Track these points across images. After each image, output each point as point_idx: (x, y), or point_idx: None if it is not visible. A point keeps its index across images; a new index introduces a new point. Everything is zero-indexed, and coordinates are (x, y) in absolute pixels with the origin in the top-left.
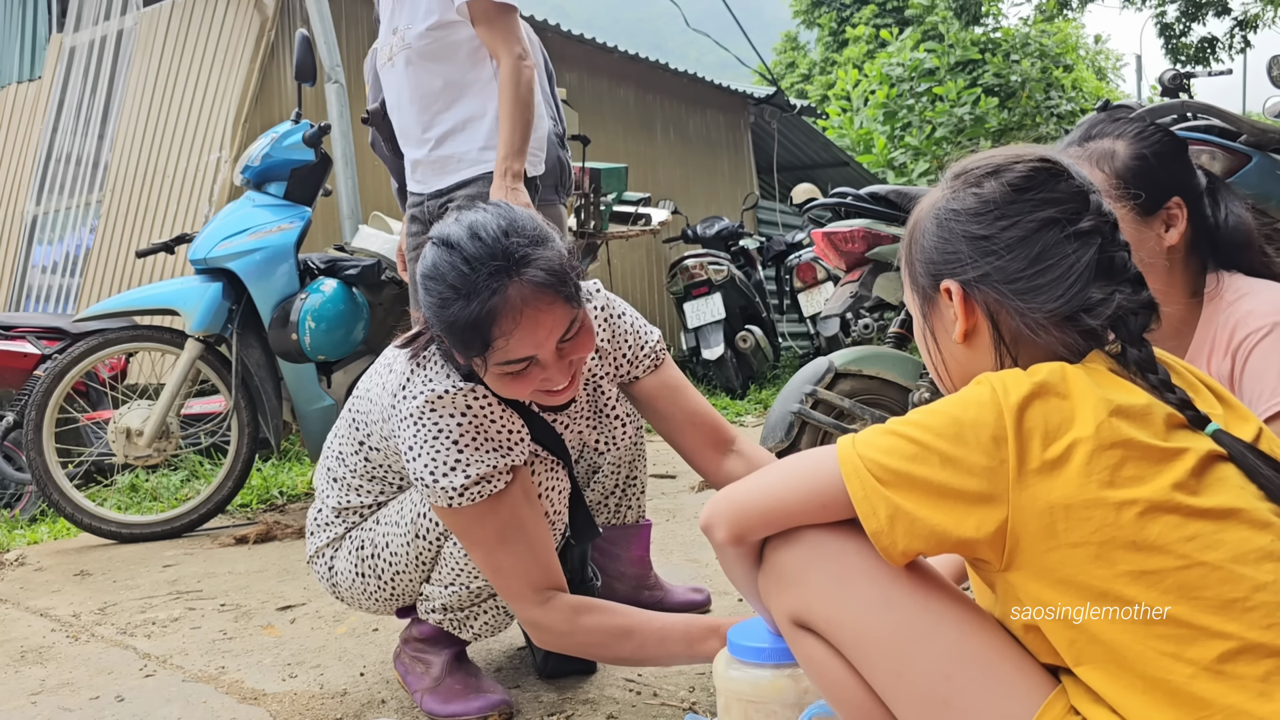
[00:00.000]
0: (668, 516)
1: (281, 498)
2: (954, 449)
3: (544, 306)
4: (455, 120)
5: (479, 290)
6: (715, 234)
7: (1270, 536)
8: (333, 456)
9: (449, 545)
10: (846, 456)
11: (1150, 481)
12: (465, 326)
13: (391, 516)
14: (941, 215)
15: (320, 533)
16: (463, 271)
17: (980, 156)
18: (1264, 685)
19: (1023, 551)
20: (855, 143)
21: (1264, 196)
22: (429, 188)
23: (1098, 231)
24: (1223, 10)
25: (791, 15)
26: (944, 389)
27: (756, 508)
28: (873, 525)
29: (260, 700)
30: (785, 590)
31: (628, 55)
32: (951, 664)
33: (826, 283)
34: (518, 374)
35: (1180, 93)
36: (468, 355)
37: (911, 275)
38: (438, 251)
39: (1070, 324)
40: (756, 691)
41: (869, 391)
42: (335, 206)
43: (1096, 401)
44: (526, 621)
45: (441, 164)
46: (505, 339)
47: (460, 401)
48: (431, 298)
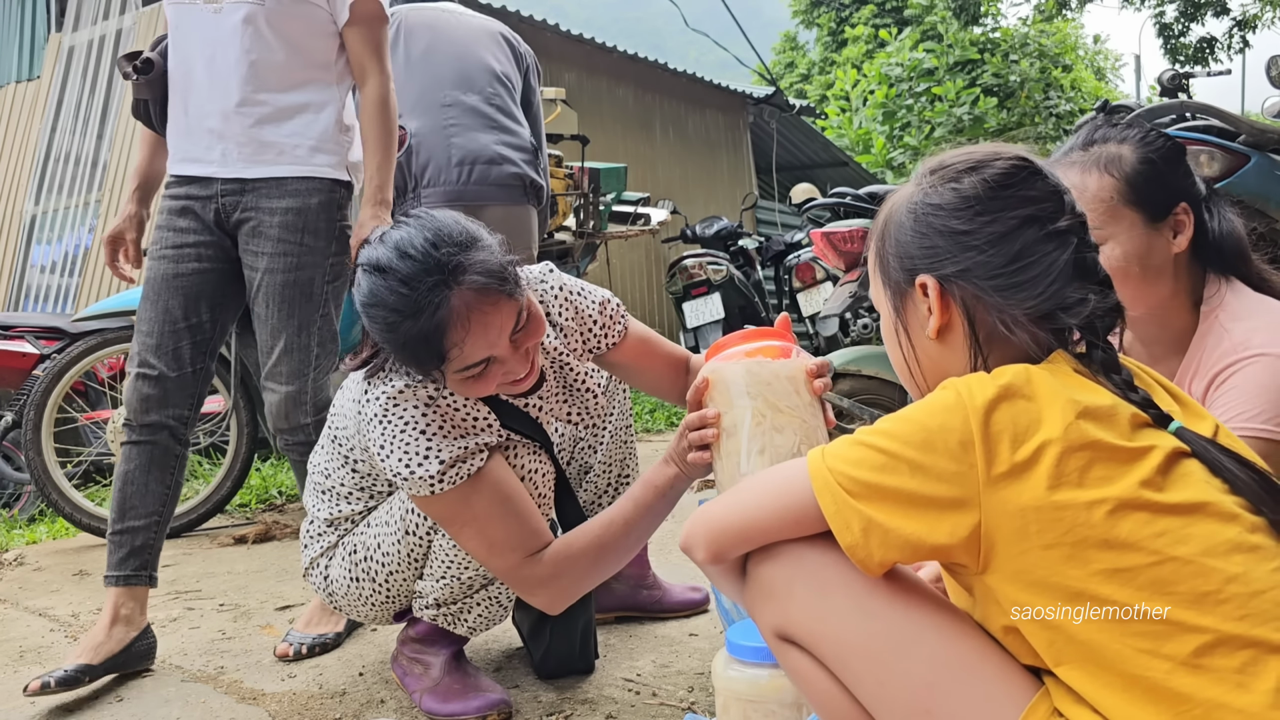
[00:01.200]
0: (667, 516)
1: (280, 497)
2: (922, 456)
3: (489, 308)
4: (287, 104)
5: (423, 307)
6: (714, 234)
7: (1238, 528)
8: (319, 473)
9: (438, 538)
10: (817, 471)
11: (1118, 481)
12: (417, 344)
13: (381, 518)
14: (919, 210)
15: (314, 544)
16: (402, 293)
17: (957, 153)
18: (1241, 676)
19: (997, 555)
20: (854, 143)
21: (1263, 196)
22: (229, 171)
23: (1073, 231)
24: (1221, 10)
25: (790, 15)
26: (912, 387)
27: (733, 527)
28: (847, 539)
29: (259, 700)
30: (767, 605)
31: (627, 55)
32: (933, 672)
33: (825, 283)
34: (478, 375)
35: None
36: (426, 369)
37: (883, 270)
38: (372, 279)
39: (1046, 322)
40: (755, 691)
41: (868, 391)
42: None
43: (1063, 403)
44: (527, 592)
45: (257, 148)
46: (459, 347)
47: (421, 394)
48: (378, 324)
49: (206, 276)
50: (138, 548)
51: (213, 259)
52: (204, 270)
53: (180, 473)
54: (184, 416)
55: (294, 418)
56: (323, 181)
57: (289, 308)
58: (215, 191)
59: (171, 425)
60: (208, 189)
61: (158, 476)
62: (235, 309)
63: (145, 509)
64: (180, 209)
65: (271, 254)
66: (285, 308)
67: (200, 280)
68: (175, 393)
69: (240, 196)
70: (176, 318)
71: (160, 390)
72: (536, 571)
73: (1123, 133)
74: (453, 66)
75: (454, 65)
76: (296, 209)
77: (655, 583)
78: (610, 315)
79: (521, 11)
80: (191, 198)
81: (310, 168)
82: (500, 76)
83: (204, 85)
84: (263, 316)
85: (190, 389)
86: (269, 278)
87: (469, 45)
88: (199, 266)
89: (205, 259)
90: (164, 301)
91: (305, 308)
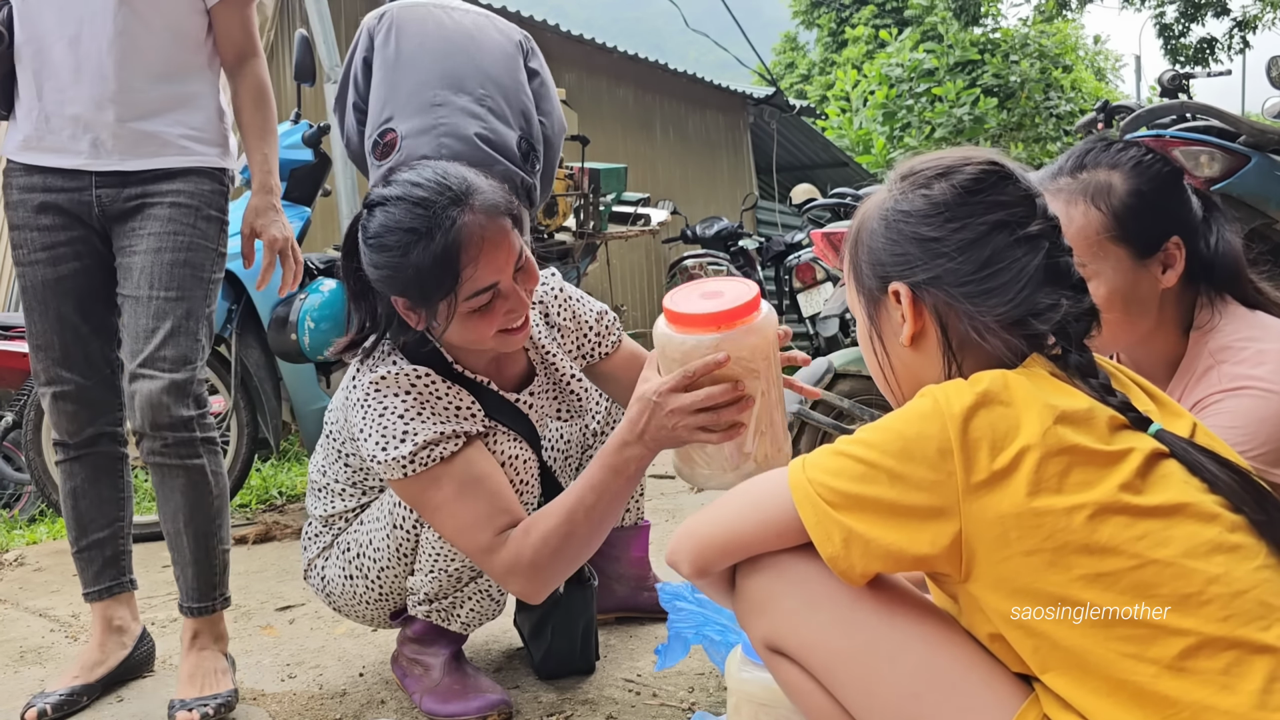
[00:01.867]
0: (667, 517)
1: (281, 498)
2: (901, 465)
3: (498, 233)
4: (168, 94)
5: (439, 224)
6: (714, 234)
7: (1218, 528)
8: (316, 471)
9: (425, 531)
10: (797, 482)
11: (1098, 485)
12: (432, 264)
13: (372, 514)
14: (890, 217)
15: (312, 545)
16: (418, 213)
17: (928, 158)
18: (1226, 678)
19: (979, 563)
20: (854, 143)
21: (1263, 197)
22: (104, 164)
23: (1045, 236)
24: (1222, 11)
25: (791, 15)
26: (888, 393)
27: (716, 541)
28: (828, 550)
29: (259, 700)
30: (756, 617)
31: (627, 55)
32: (919, 683)
33: (825, 283)
34: (484, 308)
35: (1179, 93)
36: (435, 299)
37: (857, 277)
38: (384, 211)
39: (1018, 328)
40: (767, 694)
41: (868, 392)
42: (334, 207)
43: (1041, 408)
44: (501, 575)
45: (136, 139)
46: (472, 266)
47: (404, 380)
48: (390, 253)
49: (91, 274)
50: (110, 558)
51: (90, 254)
52: (87, 268)
53: (128, 472)
54: (116, 419)
55: (175, 410)
56: (211, 171)
57: (178, 288)
58: (88, 184)
59: (107, 431)
60: (76, 181)
61: (108, 483)
62: None
63: (105, 519)
64: (39, 205)
65: (160, 233)
66: (175, 288)
67: (86, 279)
68: (101, 400)
69: (121, 189)
70: (75, 323)
71: (85, 403)
72: (507, 552)
73: (1115, 156)
74: (443, 66)
75: (444, 64)
76: (189, 192)
77: (656, 584)
78: (606, 326)
79: (521, 12)
80: (53, 190)
81: (190, 158)
82: (493, 76)
83: (66, 67)
84: (142, 298)
85: (113, 389)
86: (156, 257)
87: (460, 44)
88: (80, 265)
89: (84, 255)
90: (55, 309)
91: (194, 292)
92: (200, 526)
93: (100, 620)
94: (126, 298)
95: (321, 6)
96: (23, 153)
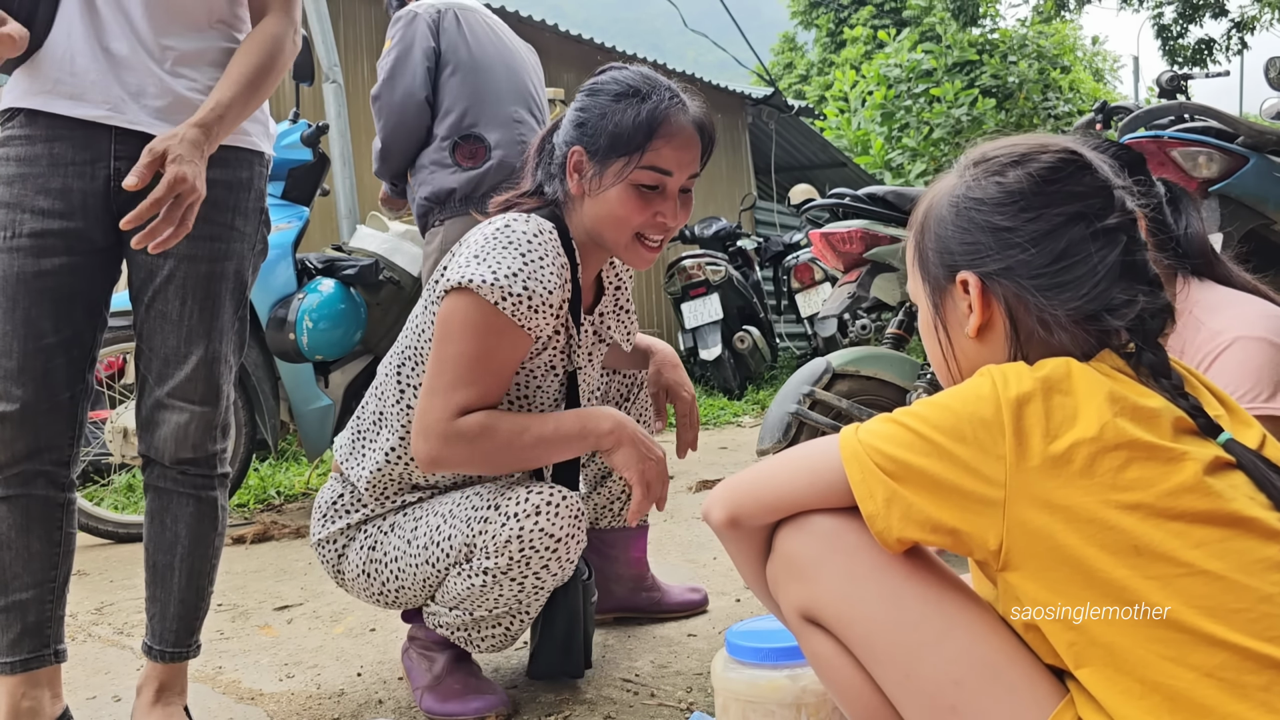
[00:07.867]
0: (665, 517)
1: (279, 498)
2: (952, 444)
3: (693, 141)
4: (192, 48)
5: (659, 96)
6: (713, 234)
7: (1278, 548)
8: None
9: (454, 574)
10: (848, 442)
11: (1156, 485)
12: (634, 121)
13: (406, 531)
14: (961, 204)
15: (335, 518)
16: (645, 81)
17: (1002, 143)
18: (1266, 695)
19: (1020, 551)
20: (853, 143)
21: (1261, 197)
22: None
23: (1123, 230)
24: (1220, 12)
25: (789, 16)
26: (949, 384)
27: (755, 491)
28: (869, 508)
29: (257, 700)
30: (794, 583)
31: (625, 56)
32: (961, 669)
33: (824, 283)
34: (647, 191)
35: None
36: (616, 155)
37: (923, 265)
38: (614, 71)
39: (1090, 323)
40: (754, 691)
41: (867, 392)
42: (333, 206)
43: (1102, 400)
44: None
45: (174, 101)
46: (664, 143)
47: (534, 224)
48: (602, 97)
49: (77, 273)
50: (31, 625)
51: (83, 250)
52: (74, 266)
53: (70, 523)
54: (63, 458)
55: (204, 446)
56: (250, 153)
57: (212, 306)
58: (105, 154)
59: (48, 470)
60: (89, 151)
61: (40, 534)
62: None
63: (31, 577)
64: (40, 184)
65: (193, 236)
66: (208, 306)
67: (70, 279)
68: (47, 428)
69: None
70: (44, 331)
71: (27, 428)
72: (455, 430)
73: None
74: (515, 81)
75: (515, 80)
76: (225, 182)
77: (654, 584)
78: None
79: (521, 12)
80: (60, 165)
81: (238, 137)
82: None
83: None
84: (173, 316)
85: (68, 419)
86: (188, 266)
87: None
88: (68, 261)
89: (75, 250)
90: (24, 308)
91: (228, 306)
92: (197, 564)
93: (7, 700)
94: (148, 307)
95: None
96: (29, 97)
